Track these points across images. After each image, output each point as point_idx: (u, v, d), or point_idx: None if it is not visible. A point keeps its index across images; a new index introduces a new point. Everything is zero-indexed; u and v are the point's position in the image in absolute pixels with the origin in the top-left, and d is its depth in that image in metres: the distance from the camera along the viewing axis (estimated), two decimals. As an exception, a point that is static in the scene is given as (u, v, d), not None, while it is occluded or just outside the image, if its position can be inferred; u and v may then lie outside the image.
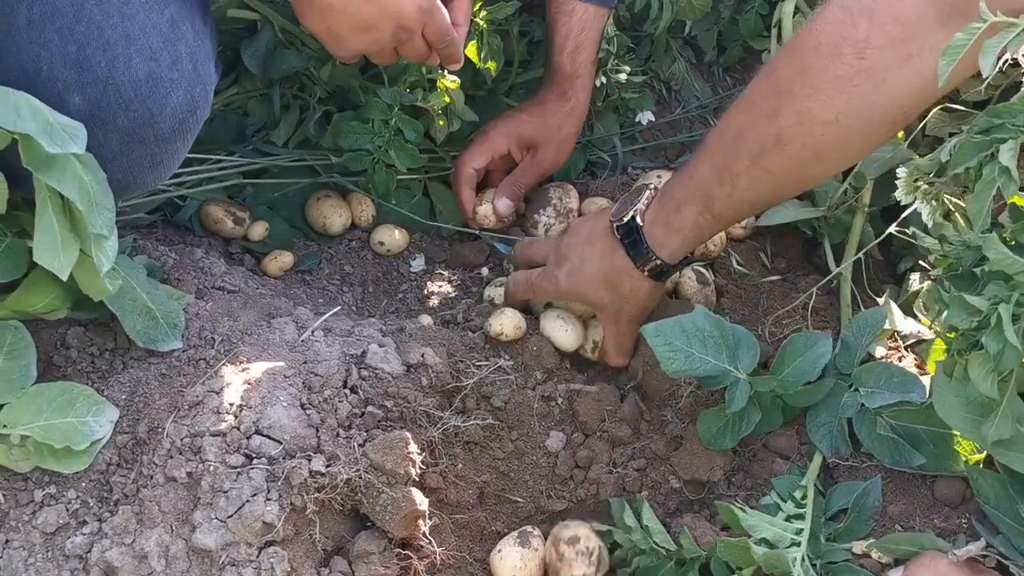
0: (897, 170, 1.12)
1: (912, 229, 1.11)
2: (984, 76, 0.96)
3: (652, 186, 1.20)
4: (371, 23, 1.13)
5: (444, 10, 1.19)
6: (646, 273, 1.18)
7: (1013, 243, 0.92)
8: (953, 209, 1.11)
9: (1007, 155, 0.89)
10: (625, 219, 1.18)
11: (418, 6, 1.15)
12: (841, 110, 0.97)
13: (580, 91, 1.46)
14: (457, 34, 1.25)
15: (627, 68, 1.52)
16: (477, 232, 1.49)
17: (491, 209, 1.46)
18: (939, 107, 1.31)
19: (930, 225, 1.10)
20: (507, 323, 1.29)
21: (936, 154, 1.09)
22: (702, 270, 1.36)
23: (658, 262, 1.17)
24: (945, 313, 0.92)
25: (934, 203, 1.09)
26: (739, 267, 1.38)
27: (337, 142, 1.42)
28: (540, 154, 1.46)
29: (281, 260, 1.41)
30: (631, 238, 1.18)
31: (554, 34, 1.44)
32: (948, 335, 0.93)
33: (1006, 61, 1.21)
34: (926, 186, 1.08)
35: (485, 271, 1.46)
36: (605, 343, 1.29)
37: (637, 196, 1.19)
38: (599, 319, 1.28)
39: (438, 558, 1.07)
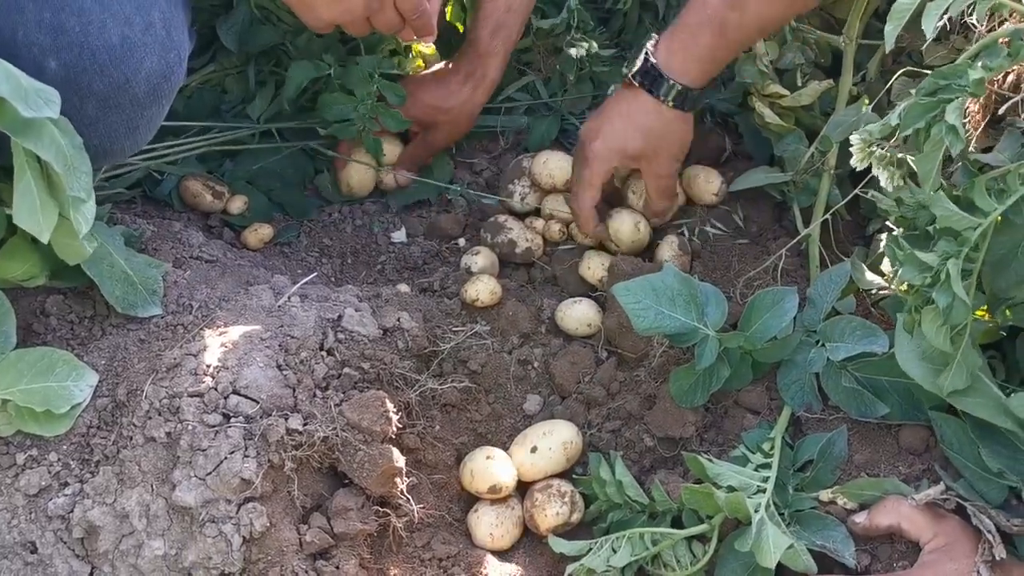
0: (850, 137, 1.14)
1: (871, 192, 1.14)
2: (927, 39, 0.99)
3: (652, 37, 1.29)
4: None
5: None
6: (672, 104, 1.28)
7: (964, 200, 0.94)
8: (905, 174, 1.13)
9: (953, 114, 0.91)
10: (637, 64, 1.27)
11: None
12: None
13: (491, 69, 1.47)
14: (430, 7, 1.26)
15: (594, 43, 1.54)
16: (449, 188, 1.52)
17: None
18: (903, 71, 1.33)
19: (890, 190, 1.12)
20: (483, 289, 1.31)
21: (887, 118, 1.12)
22: (686, 240, 1.38)
23: (680, 88, 1.27)
24: (900, 270, 0.95)
25: (891, 168, 1.11)
26: (714, 230, 1.41)
27: (323, 115, 1.44)
28: (435, 134, 1.50)
29: (261, 232, 1.43)
30: (650, 76, 1.27)
31: (480, 5, 1.44)
32: (902, 291, 0.95)
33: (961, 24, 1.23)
34: (880, 151, 1.10)
35: (462, 241, 1.48)
36: (647, 191, 1.37)
37: (640, 47, 1.29)
38: (639, 173, 1.36)
39: (416, 516, 1.09)
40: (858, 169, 1.03)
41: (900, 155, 1.01)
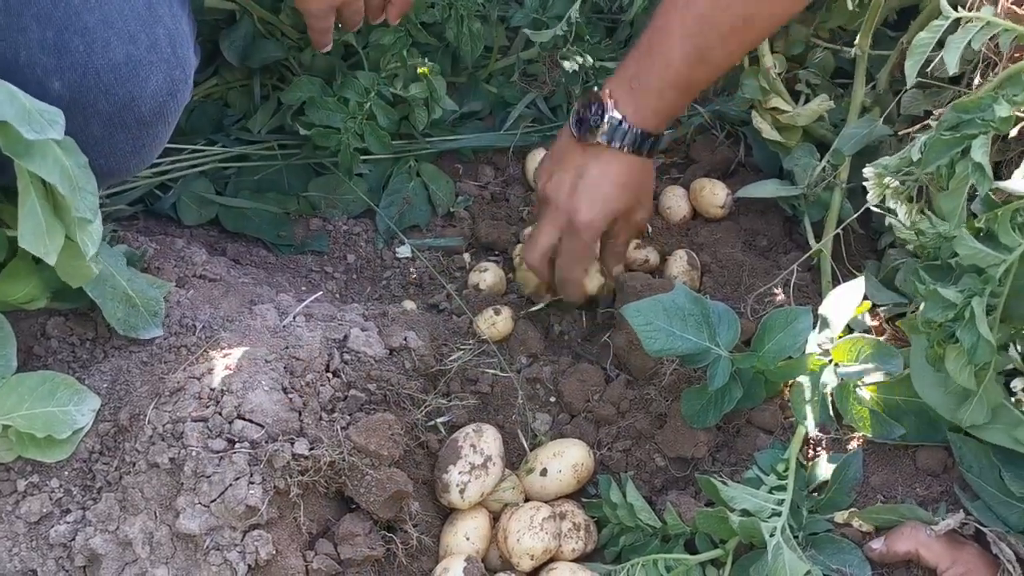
0: (864, 171, 1.12)
1: (888, 219, 1.12)
2: (949, 73, 0.97)
3: (596, 90, 1.22)
4: None
5: None
6: (647, 155, 1.24)
7: (987, 233, 0.92)
8: (924, 206, 1.11)
9: (979, 151, 0.88)
10: (606, 126, 1.20)
11: None
12: None
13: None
14: None
15: (588, 56, 1.52)
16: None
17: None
18: (914, 82, 1.31)
19: (907, 224, 1.09)
20: (500, 323, 1.28)
21: (905, 152, 1.09)
22: (694, 255, 1.36)
23: (653, 140, 1.23)
24: (922, 305, 0.92)
25: (908, 204, 1.09)
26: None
27: (309, 116, 1.41)
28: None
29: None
30: (623, 135, 1.20)
31: None
32: (924, 327, 0.93)
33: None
34: (896, 184, 1.07)
35: (466, 256, 1.46)
36: (609, 251, 1.31)
37: (595, 103, 1.21)
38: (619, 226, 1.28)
39: (425, 540, 1.08)
40: (873, 203, 1.01)
41: (917, 183, 0.99)
